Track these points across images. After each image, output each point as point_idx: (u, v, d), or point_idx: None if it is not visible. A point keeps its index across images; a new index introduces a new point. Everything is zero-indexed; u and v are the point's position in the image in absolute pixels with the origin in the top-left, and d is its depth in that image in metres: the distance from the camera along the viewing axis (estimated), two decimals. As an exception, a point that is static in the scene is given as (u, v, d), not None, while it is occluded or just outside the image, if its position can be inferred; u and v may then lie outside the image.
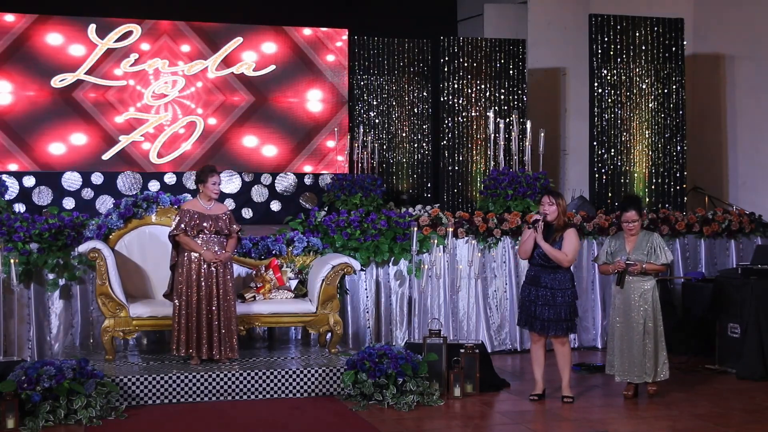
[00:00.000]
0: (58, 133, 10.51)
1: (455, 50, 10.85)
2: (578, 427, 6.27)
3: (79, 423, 6.09)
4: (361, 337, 8.67)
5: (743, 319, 7.99)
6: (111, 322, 7.24)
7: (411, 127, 11.38)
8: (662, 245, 6.99)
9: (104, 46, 10.66)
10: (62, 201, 10.24)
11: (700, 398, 7.11)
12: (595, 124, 10.34)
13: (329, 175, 10.85)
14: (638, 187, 10.36)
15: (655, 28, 10.48)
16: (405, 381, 6.70)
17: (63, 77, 10.54)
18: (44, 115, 10.47)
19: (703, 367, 8.25)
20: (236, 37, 11.07)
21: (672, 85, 10.50)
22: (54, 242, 7.88)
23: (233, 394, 6.78)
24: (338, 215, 8.68)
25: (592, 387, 7.51)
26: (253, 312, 7.51)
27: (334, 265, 7.66)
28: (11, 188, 9.95)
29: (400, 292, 8.83)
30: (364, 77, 11.29)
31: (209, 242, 7.05)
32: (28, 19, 10.48)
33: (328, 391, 6.94)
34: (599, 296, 9.35)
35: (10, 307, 7.68)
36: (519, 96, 11.04)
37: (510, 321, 9.01)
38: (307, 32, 11.34)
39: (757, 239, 9.83)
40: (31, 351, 7.90)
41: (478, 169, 10.77)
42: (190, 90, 10.96)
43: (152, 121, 10.82)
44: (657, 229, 9.38)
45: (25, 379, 6.11)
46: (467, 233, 8.99)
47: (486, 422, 6.48)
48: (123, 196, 9.70)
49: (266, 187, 10.92)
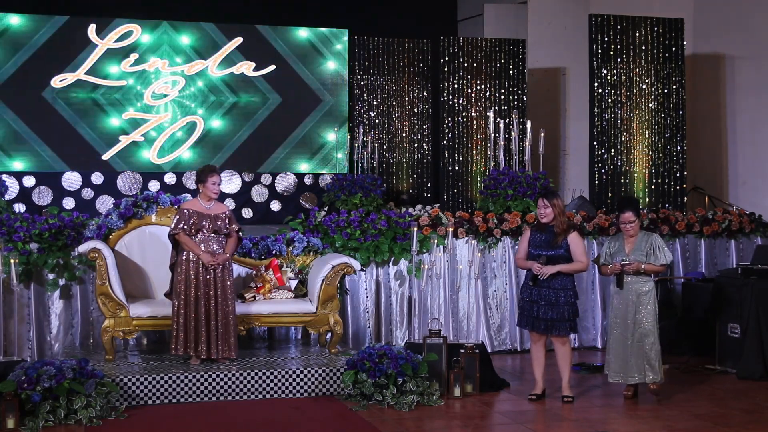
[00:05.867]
0: (58, 133, 10.50)
1: (455, 50, 10.85)
2: (578, 427, 6.27)
3: (79, 423, 6.10)
4: (361, 337, 8.68)
5: (743, 319, 7.99)
6: (111, 322, 7.24)
7: (411, 127, 11.38)
8: (662, 246, 6.99)
9: (104, 46, 10.66)
10: (62, 201, 10.24)
11: (700, 398, 7.11)
12: (595, 124, 10.34)
13: (329, 175, 10.85)
14: (638, 187, 10.36)
15: (655, 28, 10.49)
16: (405, 381, 6.71)
17: (63, 77, 10.53)
18: (44, 115, 10.46)
19: (703, 367, 8.26)
20: (236, 36, 11.07)
21: (672, 85, 10.50)
22: (54, 242, 7.89)
23: (233, 394, 6.78)
24: (338, 215, 8.68)
25: (592, 387, 7.52)
26: (253, 312, 7.51)
27: (334, 265, 7.66)
28: (11, 188, 9.95)
29: (400, 292, 8.83)
30: (364, 77, 11.29)
31: (208, 241, 7.05)
32: (28, 19, 10.48)
33: (328, 391, 6.95)
34: (599, 296, 9.36)
35: (10, 307, 7.69)
36: (519, 96, 11.04)
37: (510, 321, 9.01)
38: (308, 32, 11.34)
39: (757, 239, 9.83)
40: (31, 351, 7.90)
41: (478, 169, 10.77)
42: (190, 90, 10.95)
43: (152, 121, 10.82)
44: (657, 229, 9.38)
45: (25, 379, 6.11)
46: (467, 233, 8.99)
47: (486, 422, 6.48)
48: (123, 196, 9.70)
49: (266, 187, 10.92)
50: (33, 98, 10.44)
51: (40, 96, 10.47)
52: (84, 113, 10.61)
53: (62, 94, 10.55)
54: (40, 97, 10.46)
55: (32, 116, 10.43)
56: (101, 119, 10.66)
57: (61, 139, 10.51)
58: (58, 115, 10.52)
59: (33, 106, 10.44)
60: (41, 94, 10.47)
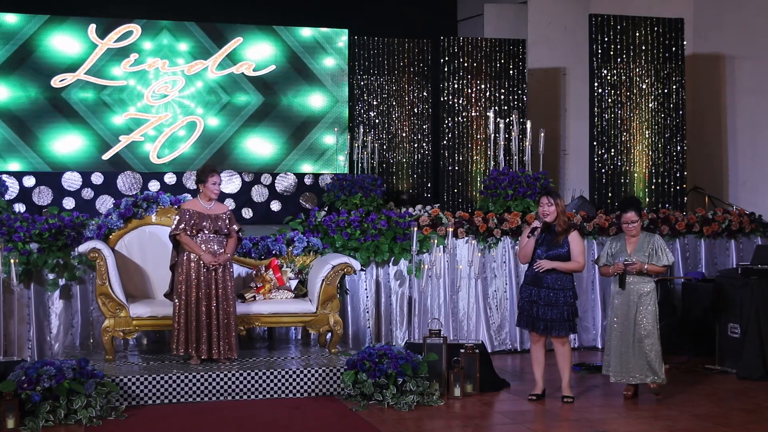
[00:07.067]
0: (58, 133, 10.51)
1: (455, 50, 10.85)
2: (578, 427, 6.27)
3: (79, 423, 6.10)
4: (361, 337, 8.68)
5: (743, 319, 7.99)
6: (111, 322, 7.24)
7: (411, 127, 11.38)
8: (663, 247, 6.99)
9: (104, 46, 10.66)
10: (62, 201, 10.24)
11: (700, 398, 7.11)
12: (595, 124, 10.34)
13: (329, 175, 10.85)
14: (638, 187, 10.36)
15: (655, 28, 10.48)
16: (405, 381, 6.70)
17: (63, 77, 10.54)
18: (44, 115, 10.47)
19: (703, 367, 8.25)
20: (236, 37, 11.07)
21: (672, 85, 10.50)
22: (54, 242, 7.89)
23: (233, 394, 6.78)
24: (338, 215, 8.68)
25: (592, 387, 7.52)
26: (253, 312, 7.51)
27: (334, 265, 7.66)
28: (11, 188, 9.95)
29: (400, 292, 8.83)
30: (364, 77, 11.29)
31: (208, 241, 7.05)
32: (28, 20, 10.48)
33: (328, 391, 6.94)
34: (599, 296, 9.36)
35: (10, 307, 7.68)
36: (519, 96, 11.04)
37: (510, 321, 9.01)
38: (308, 32, 11.34)
39: (757, 239, 9.83)
40: (31, 351, 7.90)
41: (478, 169, 10.77)
42: (190, 90, 10.95)
43: (152, 121, 10.82)
44: (657, 229, 9.38)
45: (25, 379, 6.11)
46: (467, 233, 8.99)
47: (486, 422, 6.48)
48: (123, 196, 9.70)
49: (266, 187, 10.92)
50: (33, 98, 10.44)
51: (40, 96, 10.47)
52: (84, 113, 10.61)
53: (62, 94, 10.55)
54: (40, 97, 10.46)
55: (32, 116, 10.43)
56: (101, 119, 10.67)
57: (61, 138, 10.51)
58: (58, 115, 10.52)
59: (33, 106, 10.44)
60: (41, 94, 10.47)
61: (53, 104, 10.52)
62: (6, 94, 10.38)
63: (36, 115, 10.45)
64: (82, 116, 10.60)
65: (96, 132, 10.65)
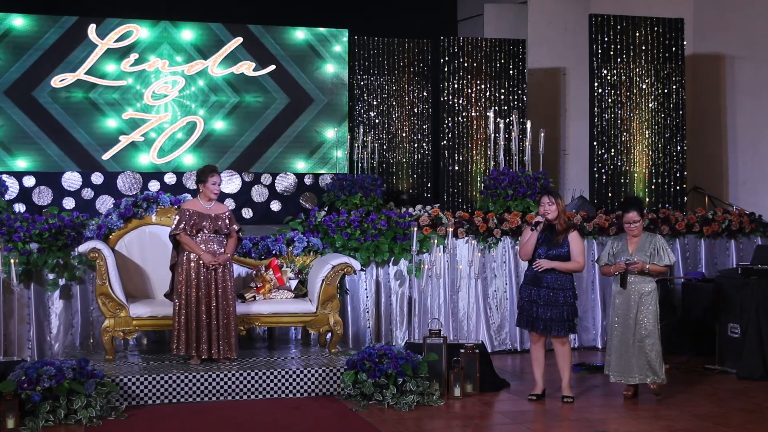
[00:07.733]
0: (57, 132, 10.50)
1: (455, 50, 10.85)
2: (578, 427, 6.27)
3: (79, 423, 6.10)
4: (361, 337, 8.68)
5: (743, 319, 7.99)
6: (111, 322, 7.24)
7: (411, 127, 11.38)
8: (665, 247, 6.99)
9: (104, 46, 10.66)
10: (62, 201, 10.23)
11: (700, 398, 7.11)
12: (595, 124, 10.34)
13: (329, 175, 10.85)
14: (638, 187, 10.36)
15: (655, 28, 10.49)
16: (405, 381, 6.70)
17: (63, 77, 10.53)
18: (44, 115, 10.46)
19: (703, 367, 8.26)
20: (236, 37, 11.07)
21: (672, 85, 10.50)
22: (54, 242, 7.89)
23: (233, 394, 6.78)
24: (338, 215, 8.68)
25: (592, 387, 7.52)
26: (253, 312, 7.51)
27: (334, 265, 7.66)
28: (11, 188, 9.94)
29: (400, 292, 8.83)
30: (364, 77, 11.29)
31: (208, 241, 7.05)
32: (27, 19, 10.47)
33: (328, 391, 6.95)
34: (599, 296, 9.36)
35: (10, 307, 7.69)
36: (519, 96, 11.04)
37: (510, 321, 9.01)
38: (308, 32, 11.34)
39: (757, 239, 9.83)
40: (31, 351, 7.91)
41: (478, 169, 10.78)
42: (190, 90, 10.95)
43: (152, 122, 10.82)
44: (657, 229, 9.38)
45: (25, 379, 6.11)
46: (467, 233, 8.99)
47: (486, 422, 6.48)
48: (123, 196, 9.70)
49: (266, 187, 10.91)
50: (33, 98, 10.44)
51: (40, 96, 10.46)
52: (84, 113, 10.60)
53: (62, 94, 10.55)
54: (40, 97, 10.46)
55: (32, 116, 10.43)
56: (101, 119, 10.66)
57: (61, 139, 10.51)
58: (57, 115, 10.51)
59: (33, 106, 10.44)
60: (41, 94, 10.47)
61: (53, 104, 10.50)
62: (6, 93, 10.36)
63: (36, 115, 10.43)
64: (82, 116, 10.59)
65: (96, 132, 10.65)
